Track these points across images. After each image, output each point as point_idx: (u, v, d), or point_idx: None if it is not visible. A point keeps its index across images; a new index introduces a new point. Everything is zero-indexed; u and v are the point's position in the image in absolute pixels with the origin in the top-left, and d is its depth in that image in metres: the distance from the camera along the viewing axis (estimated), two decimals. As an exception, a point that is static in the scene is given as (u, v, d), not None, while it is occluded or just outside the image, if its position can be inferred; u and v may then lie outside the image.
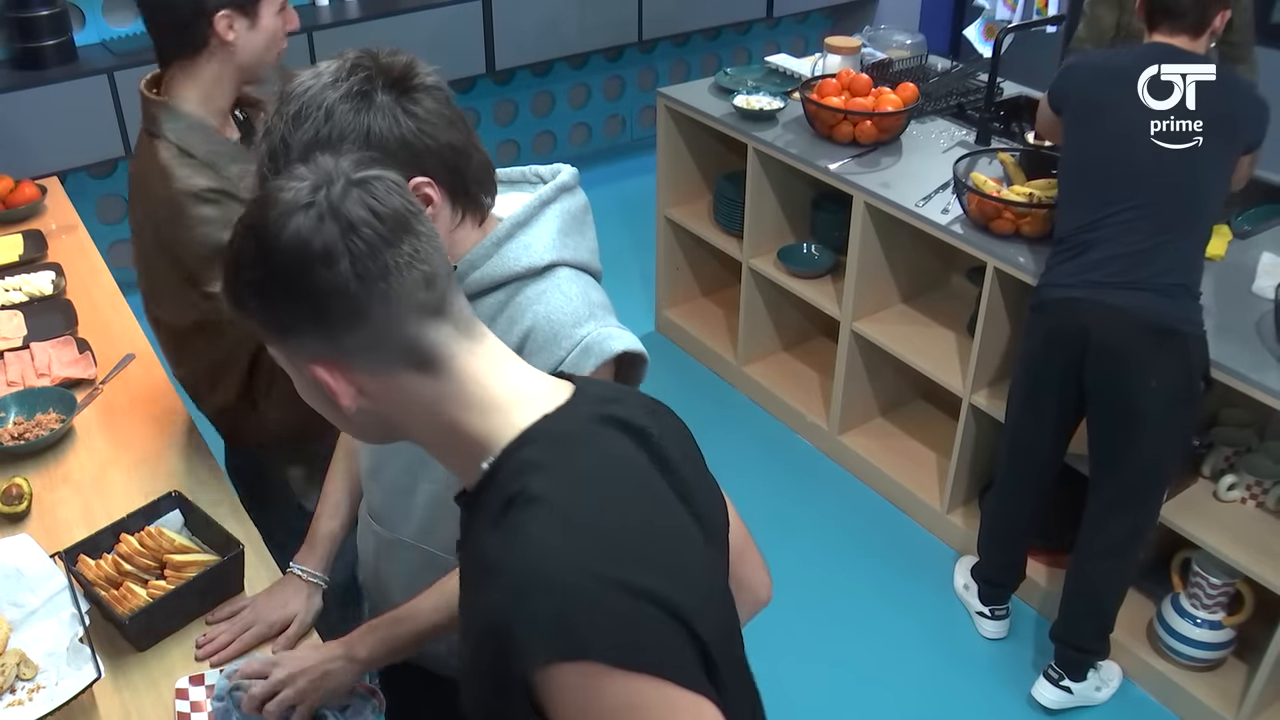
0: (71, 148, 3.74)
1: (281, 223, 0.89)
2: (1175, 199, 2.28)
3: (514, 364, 0.98)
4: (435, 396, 0.93)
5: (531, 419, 0.94)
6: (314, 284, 0.88)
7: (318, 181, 0.91)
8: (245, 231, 0.92)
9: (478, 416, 0.94)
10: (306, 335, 0.91)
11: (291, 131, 1.17)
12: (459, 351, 0.94)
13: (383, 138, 1.17)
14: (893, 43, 3.92)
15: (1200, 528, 2.47)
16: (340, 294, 0.88)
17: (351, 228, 0.88)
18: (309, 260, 0.88)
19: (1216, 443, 2.61)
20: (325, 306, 0.89)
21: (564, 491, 0.88)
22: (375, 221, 0.89)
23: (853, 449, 3.41)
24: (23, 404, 2.01)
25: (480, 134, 4.06)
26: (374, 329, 0.90)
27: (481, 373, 0.94)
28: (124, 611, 1.54)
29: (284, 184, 0.92)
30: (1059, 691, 2.60)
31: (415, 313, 0.91)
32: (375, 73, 1.19)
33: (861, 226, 3.06)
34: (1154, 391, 2.28)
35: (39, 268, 2.52)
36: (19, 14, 3.66)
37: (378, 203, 0.90)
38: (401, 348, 0.91)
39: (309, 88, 1.19)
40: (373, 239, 0.88)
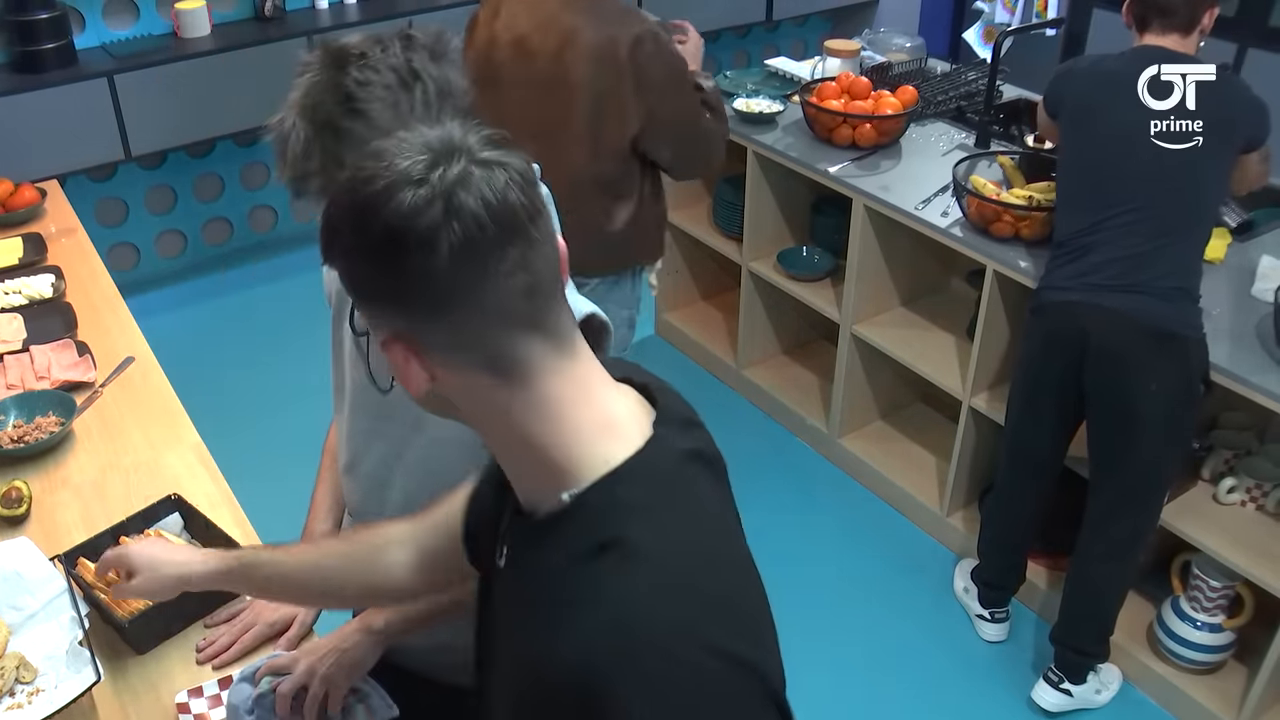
0: (71, 151, 3.74)
1: (388, 194, 0.83)
2: (1175, 200, 2.28)
3: (605, 389, 0.92)
4: (512, 408, 0.88)
5: (622, 453, 0.88)
6: (405, 267, 0.83)
7: (438, 155, 0.84)
8: (349, 189, 0.87)
9: (558, 441, 0.88)
10: (388, 310, 0.87)
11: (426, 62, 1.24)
12: (547, 369, 0.87)
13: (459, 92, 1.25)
14: (892, 46, 3.92)
15: (1200, 530, 2.47)
16: (429, 284, 0.83)
17: (458, 218, 0.82)
18: (405, 242, 0.82)
19: (1216, 445, 2.60)
20: (411, 291, 0.84)
21: (668, 547, 0.84)
22: (485, 217, 0.82)
23: (852, 452, 3.41)
24: (22, 407, 2.01)
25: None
26: (457, 328, 0.85)
27: (567, 396, 0.88)
28: (124, 614, 1.54)
29: (403, 147, 0.86)
30: (1059, 694, 2.60)
31: (505, 321, 0.85)
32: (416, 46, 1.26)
33: (861, 230, 3.06)
34: (1154, 395, 2.28)
35: (38, 271, 2.52)
36: (18, 17, 3.66)
37: (494, 196, 0.83)
38: (484, 353, 0.86)
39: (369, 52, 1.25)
40: (477, 236, 0.82)
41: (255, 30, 4.13)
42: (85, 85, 3.70)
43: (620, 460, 0.87)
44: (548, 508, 0.89)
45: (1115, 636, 2.59)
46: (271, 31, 4.11)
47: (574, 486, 0.87)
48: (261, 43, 4.02)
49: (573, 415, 0.88)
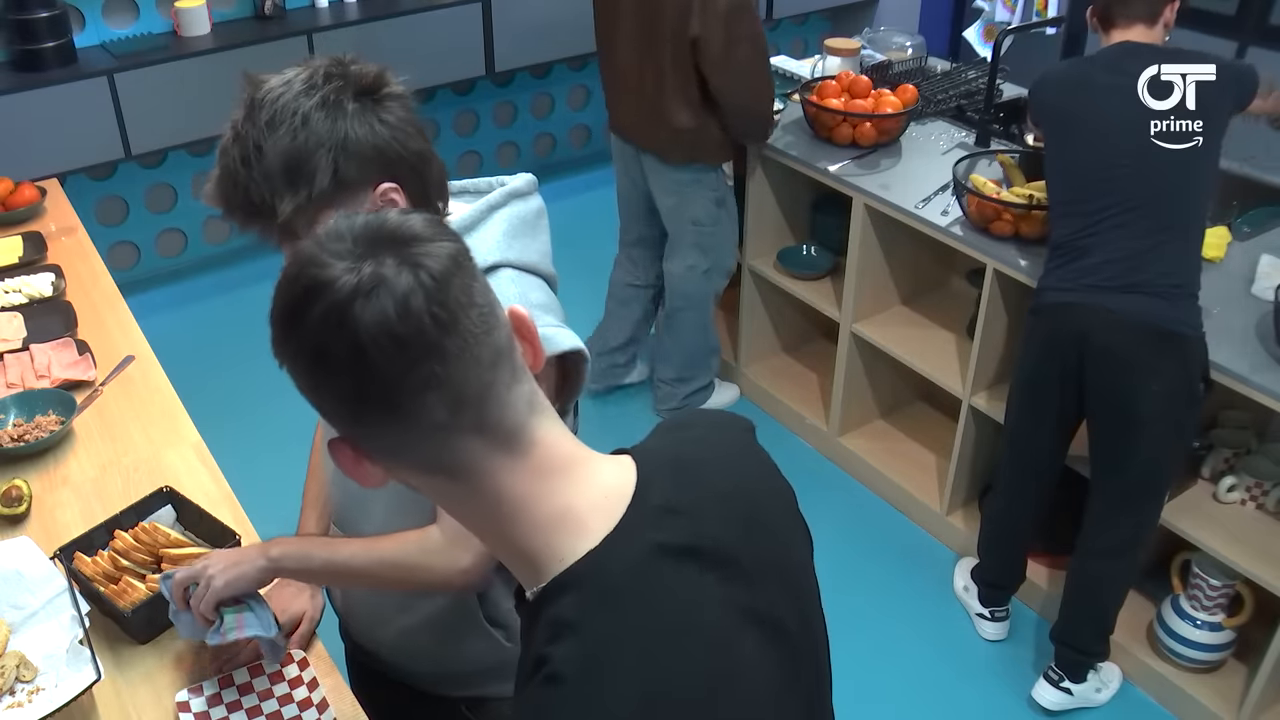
0: (71, 150, 3.74)
1: (300, 307, 0.79)
2: (1172, 199, 2.28)
3: (569, 474, 0.86)
4: (471, 503, 0.86)
5: (579, 551, 0.83)
6: (323, 384, 0.81)
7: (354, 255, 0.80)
8: (276, 293, 0.84)
9: (519, 533, 0.85)
10: (326, 415, 0.84)
11: (265, 137, 1.19)
12: (494, 468, 0.83)
13: (359, 144, 1.20)
14: (892, 44, 3.92)
15: (1200, 529, 2.47)
16: (348, 401, 0.81)
17: (358, 349, 0.77)
18: (316, 362, 0.80)
19: (1216, 444, 2.61)
20: (337, 405, 0.82)
21: (590, 678, 0.79)
22: (388, 344, 0.77)
23: (852, 450, 3.41)
24: (22, 406, 2.01)
25: (480, 136, 4.05)
26: (389, 439, 0.82)
27: (520, 491, 0.84)
28: (125, 605, 1.54)
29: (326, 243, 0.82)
30: (1059, 693, 2.60)
31: (435, 432, 0.81)
32: (347, 82, 1.22)
33: (861, 228, 3.06)
34: (1155, 395, 2.28)
35: (38, 270, 2.52)
36: (18, 16, 3.65)
37: (397, 317, 0.77)
38: (424, 460, 0.83)
39: (280, 94, 1.20)
40: (378, 359, 0.77)
41: (255, 29, 4.13)
42: (85, 84, 3.70)
43: (570, 562, 0.83)
44: (530, 594, 0.87)
45: (1115, 635, 2.59)
46: (271, 30, 4.11)
47: (537, 584, 0.85)
48: (261, 41, 4.02)
49: (529, 511, 0.84)
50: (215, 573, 1.43)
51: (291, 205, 1.20)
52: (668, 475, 0.90)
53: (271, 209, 1.21)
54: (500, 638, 1.49)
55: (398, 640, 1.56)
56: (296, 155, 1.19)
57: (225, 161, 1.23)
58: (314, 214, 1.22)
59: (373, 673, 1.64)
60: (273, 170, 1.20)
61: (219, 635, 1.43)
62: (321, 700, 1.50)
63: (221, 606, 1.44)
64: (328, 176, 1.20)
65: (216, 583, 1.42)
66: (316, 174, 1.20)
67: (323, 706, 1.49)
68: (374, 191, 1.23)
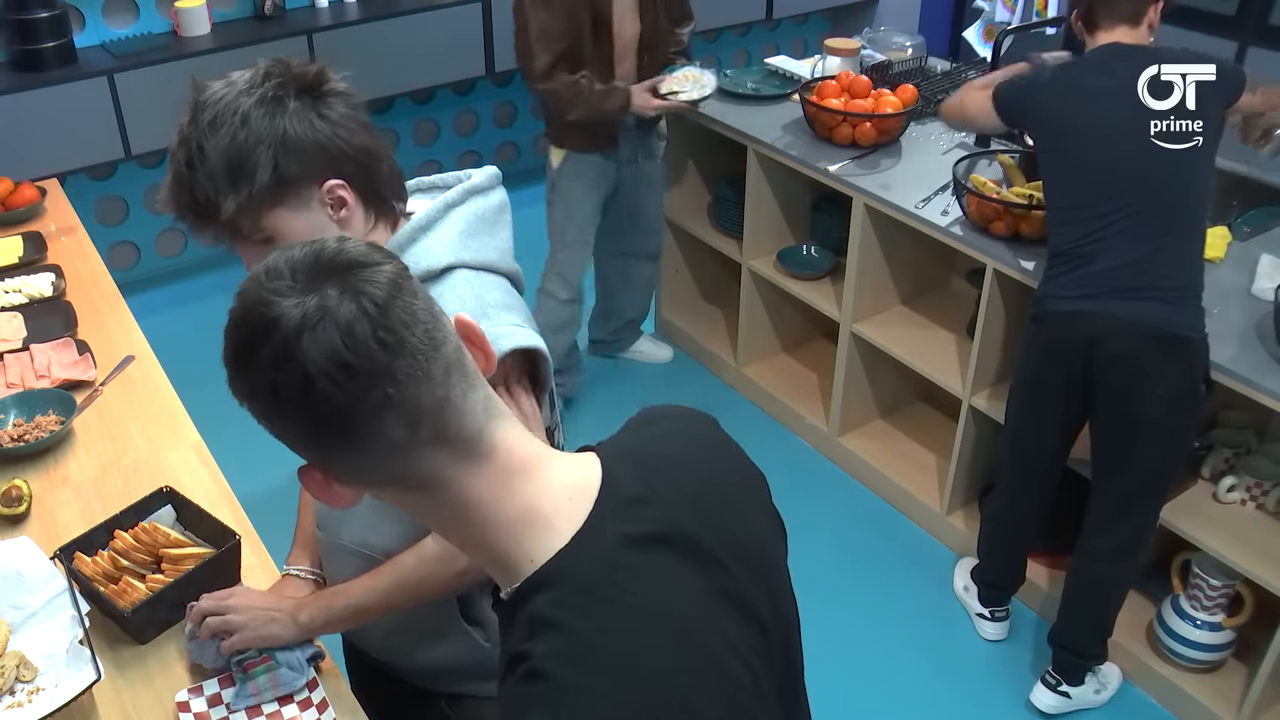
0: (71, 150, 3.74)
1: (246, 346, 0.82)
2: (1174, 201, 2.28)
3: (533, 476, 0.87)
4: (440, 511, 0.88)
5: (548, 549, 0.85)
6: (279, 416, 0.83)
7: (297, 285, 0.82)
8: (227, 328, 0.86)
9: (489, 537, 0.87)
10: (288, 442, 0.86)
11: (207, 138, 1.20)
12: (459, 476, 0.85)
13: (299, 140, 1.22)
14: (892, 45, 3.92)
15: (1200, 529, 2.47)
16: (305, 431, 0.83)
17: (309, 381, 0.79)
18: (268, 397, 0.82)
19: (1216, 444, 2.60)
20: (295, 434, 0.84)
21: (572, 671, 0.80)
22: (337, 373, 0.79)
23: (852, 450, 3.41)
24: (22, 406, 2.01)
25: (480, 136, 4.05)
26: (353, 461, 0.84)
27: (487, 495, 0.86)
28: (125, 605, 1.54)
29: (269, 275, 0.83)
30: (1056, 697, 2.60)
31: (396, 450, 0.82)
32: (288, 80, 1.23)
33: (861, 228, 3.06)
34: (1160, 398, 2.28)
35: (38, 269, 2.52)
36: (18, 16, 3.65)
37: (344, 346, 0.79)
38: (389, 477, 0.85)
39: (223, 96, 1.22)
40: (332, 394, 0.79)
41: (255, 29, 4.13)
42: (85, 84, 3.70)
43: (541, 562, 0.85)
44: (504, 594, 0.89)
45: (1115, 636, 2.59)
46: (271, 30, 4.12)
47: (511, 583, 0.87)
48: (261, 41, 4.02)
49: (495, 513, 0.86)
50: (248, 635, 1.47)
51: (234, 203, 1.22)
52: (632, 468, 0.92)
53: (216, 208, 1.23)
54: (478, 636, 1.51)
55: (384, 639, 1.59)
56: (237, 153, 1.20)
57: (173, 165, 1.24)
58: (258, 212, 1.24)
59: (368, 668, 1.66)
60: (215, 170, 1.21)
61: (254, 698, 1.46)
62: (322, 700, 1.50)
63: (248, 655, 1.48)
64: (268, 173, 1.21)
65: (247, 635, 1.47)
66: (257, 171, 1.21)
67: (323, 707, 1.49)
68: (320, 189, 1.25)
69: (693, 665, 0.84)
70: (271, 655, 1.48)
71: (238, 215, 1.23)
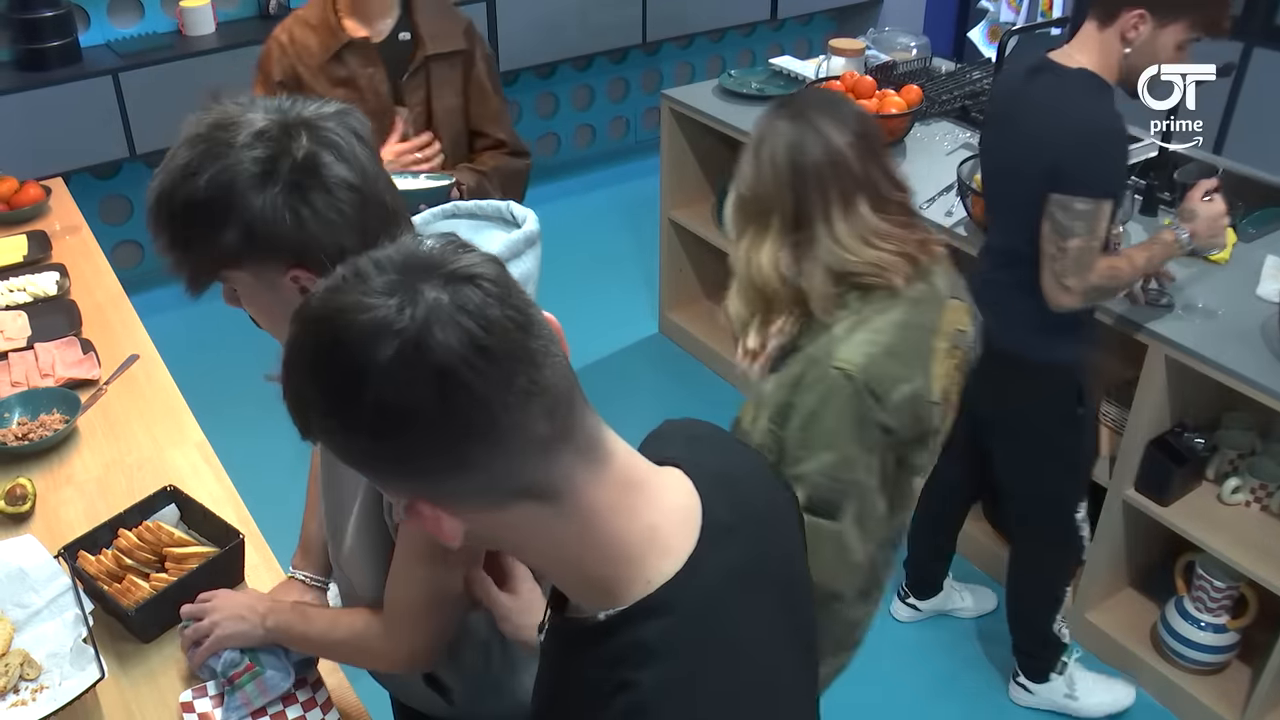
0: (76, 149, 3.75)
1: (358, 356, 0.71)
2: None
3: (646, 488, 0.83)
4: (554, 529, 0.80)
5: (664, 574, 0.81)
6: (403, 437, 0.73)
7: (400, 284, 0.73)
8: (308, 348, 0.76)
9: (602, 556, 0.81)
10: (396, 479, 0.78)
11: (186, 176, 1.11)
12: (584, 482, 0.79)
13: (268, 225, 1.11)
14: (897, 45, 3.92)
15: (1204, 531, 2.46)
16: (437, 446, 0.73)
17: (445, 368, 0.71)
18: (395, 411, 0.72)
19: (1221, 446, 2.60)
20: (419, 456, 0.74)
21: (677, 709, 0.78)
22: (478, 359, 0.71)
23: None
24: (26, 404, 2.02)
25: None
26: (482, 474, 0.75)
27: (607, 504, 0.80)
28: (129, 604, 1.54)
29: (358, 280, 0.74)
30: (1018, 688, 2.66)
31: (532, 450, 0.75)
32: (284, 154, 1.11)
33: (865, 229, 3.05)
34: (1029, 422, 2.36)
35: (43, 268, 2.53)
36: (23, 15, 3.66)
37: (477, 325, 0.72)
38: (519, 487, 0.77)
39: (223, 134, 1.12)
40: (472, 380, 0.71)
41: (260, 28, 4.12)
42: (90, 83, 3.70)
43: (656, 585, 0.81)
44: (581, 614, 0.84)
45: (1117, 636, 2.60)
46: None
47: (611, 607, 0.81)
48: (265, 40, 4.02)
49: (615, 527, 0.80)
50: (218, 620, 1.48)
51: (191, 255, 1.16)
52: (719, 492, 0.88)
53: (173, 249, 1.16)
54: (439, 700, 1.45)
55: None
56: (206, 210, 1.11)
57: (151, 188, 1.16)
58: (216, 271, 1.17)
59: None
60: (175, 216, 1.14)
61: (244, 708, 1.47)
62: (326, 700, 1.50)
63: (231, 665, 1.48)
64: (226, 243, 1.12)
65: (218, 635, 1.47)
66: (213, 236, 1.12)
67: (326, 707, 1.49)
68: (285, 274, 1.15)
69: (775, 707, 0.84)
70: (255, 660, 1.48)
71: (195, 267, 1.17)
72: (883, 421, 1.51)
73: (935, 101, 3.43)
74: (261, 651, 1.49)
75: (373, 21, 2.30)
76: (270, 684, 1.48)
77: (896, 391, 1.51)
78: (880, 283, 1.54)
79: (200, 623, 1.50)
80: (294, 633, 1.46)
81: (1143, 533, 2.68)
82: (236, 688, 1.46)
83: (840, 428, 1.50)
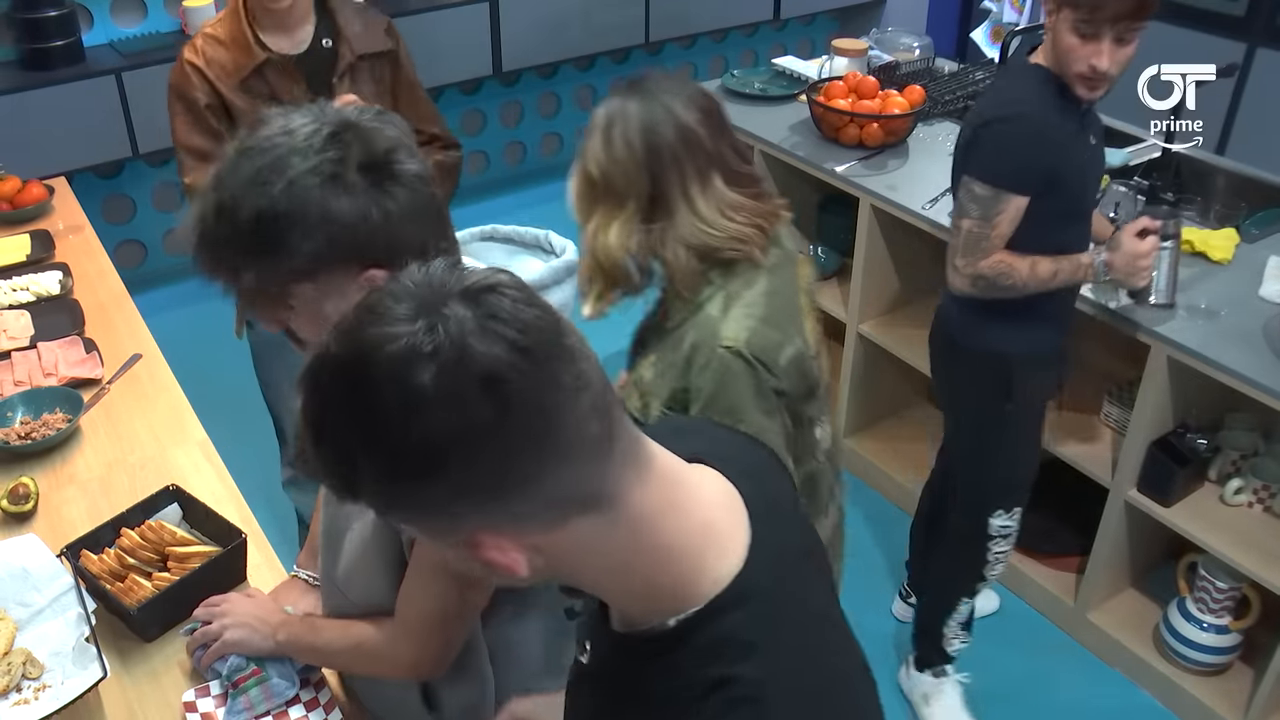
0: (79, 148, 3.75)
1: (400, 388, 0.68)
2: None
3: (684, 491, 0.81)
4: (609, 541, 0.77)
5: (726, 569, 0.79)
6: (463, 470, 0.69)
7: (424, 309, 0.70)
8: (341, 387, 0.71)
9: (664, 562, 0.79)
10: (446, 518, 0.74)
11: (244, 191, 1.07)
12: (631, 485, 0.76)
13: (348, 227, 1.08)
14: (900, 45, 3.92)
15: (1207, 531, 2.46)
16: (500, 469, 0.70)
17: (497, 384, 0.68)
18: (452, 445, 0.68)
19: (1223, 447, 2.60)
20: (474, 488, 0.71)
21: (782, 692, 0.76)
22: (523, 362, 0.69)
23: (859, 452, 3.41)
24: (29, 403, 2.02)
25: (486, 135, 4.01)
26: (548, 487, 0.72)
27: (657, 506, 0.78)
28: (131, 603, 1.54)
29: (372, 319, 0.71)
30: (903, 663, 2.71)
31: (585, 456, 0.73)
32: (352, 150, 1.09)
33: (868, 229, 3.06)
34: (958, 407, 2.39)
35: (46, 268, 2.53)
36: (27, 15, 3.66)
37: (517, 332, 0.69)
38: (577, 498, 0.74)
39: (274, 146, 1.08)
40: (527, 388, 0.69)
41: (263, 28, 4.13)
42: (93, 82, 3.70)
43: (725, 579, 0.79)
44: (647, 626, 0.81)
45: (1119, 637, 2.60)
46: (279, 29, 4.11)
47: (680, 611, 0.79)
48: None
49: (669, 528, 0.78)
50: (229, 624, 1.49)
51: (255, 273, 1.10)
52: (747, 480, 0.87)
53: (235, 271, 1.11)
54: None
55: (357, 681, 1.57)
56: (273, 221, 1.07)
57: (200, 206, 1.11)
58: (283, 285, 1.12)
59: None
60: (243, 231, 1.08)
61: (247, 712, 1.46)
62: (329, 700, 1.50)
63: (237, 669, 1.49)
64: (304, 253, 1.08)
65: (226, 640, 1.48)
66: (290, 246, 1.08)
67: (329, 707, 1.49)
68: (360, 276, 1.11)
69: (856, 673, 0.85)
70: (262, 666, 1.48)
71: (258, 285, 1.11)
72: (776, 386, 1.59)
73: (938, 102, 3.42)
74: (268, 658, 1.50)
75: (292, 31, 2.28)
76: (275, 690, 1.48)
77: (782, 356, 1.60)
78: (741, 256, 1.60)
79: (209, 626, 1.50)
80: (303, 644, 1.46)
81: (1145, 533, 2.68)
82: (240, 692, 1.46)
83: (741, 402, 1.56)
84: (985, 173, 2.08)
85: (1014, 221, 2.08)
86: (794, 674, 0.78)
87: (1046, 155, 2.05)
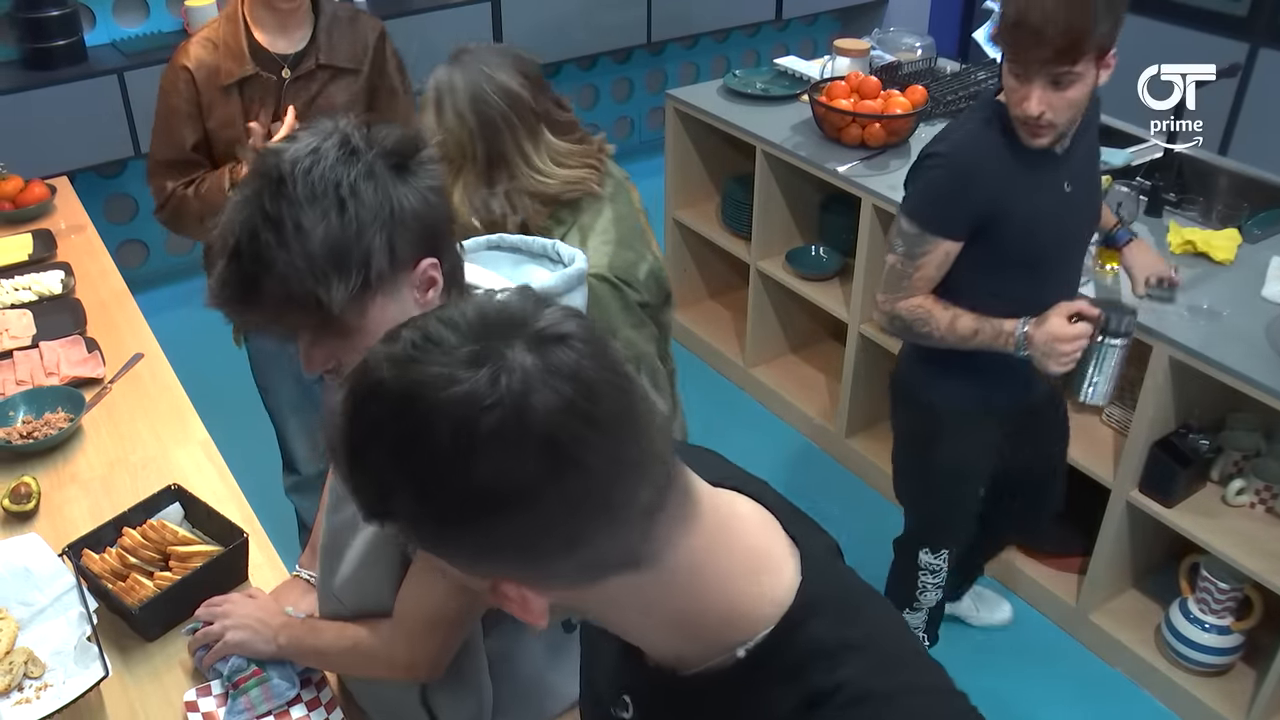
0: (81, 148, 3.75)
1: (454, 437, 0.64)
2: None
3: (728, 517, 0.79)
4: (652, 593, 0.75)
5: (783, 587, 0.77)
6: (506, 526, 0.67)
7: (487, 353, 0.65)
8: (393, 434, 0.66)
9: (711, 599, 0.76)
10: (483, 565, 0.72)
11: (305, 213, 1.04)
12: (678, 534, 0.73)
13: (412, 218, 1.07)
14: (902, 45, 3.92)
15: (1209, 532, 2.46)
16: (544, 533, 0.67)
17: (555, 448, 0.64)
18: (499, 504, 0.65)
19: (1225, 447, 2.59)
20: (521, 545, 0.68)
21: (887, 680, 0.76)
22: (585, 429, 0.65)
23: (860, 452, 3.40)
24: (31, 403, 2.02)
25: (489, 135, 3.87)
26: (589, 553, 0.70)
27: (704, 546, 0.75)
28: (133, 602, 1.55)
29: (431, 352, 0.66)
30: None
31: (639, 519, 0.70)
32: (382, 147, 1.09)
33: (870, 229, 3.06)
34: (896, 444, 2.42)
35: (48, 267, 2.53)
36: (29, 14, 3.66)
37: (582, 397, 0.65)
38: (620, 561, 0.72)
39: (313, 164, 1.05)
40: (586, 458, 0.65)
41: (265, 28, 4.13)
42: (95, 82, 3.70)
43: (786, 596, 0.77)
44: (708, 664, 0.78)
45: (1121, 637, 2.59)
46: (281, 29, 4.12)
47: (745, 640, 0.76)
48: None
49: (718, 567, 0.76)
50: (231, 626, 1.49)
51: (344, 293, 1.05)
52: (762, 494, 0.86)
53: (316, 300, 1.05)
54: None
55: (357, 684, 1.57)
56: (346, 234, 1.04)
57: (253, 247, 1.04)
58: (365, 303, 1.08)
59: None
60: (316, 253, 1.04)
61: (247, 713, 1.47)
62: (330, 700, 1.50)
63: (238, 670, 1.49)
64: (384, 256, 1.06)
65: (228, 640, 1.48)
66: (372, 254, 1.05)
67: (330, 706, 1.49)
68: (415, 270, 1.11)
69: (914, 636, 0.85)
70: (263, 667, 1.49)
71: (347, 307, 1.06)
72: (639, 300, 1.80)
73: (940, 102, 3.42)
74: (268, 661, 1.50)
75: (291, 33, 2.28)
76: (275, 691, 1.48)
77: (640, 271, 1.81)
78: (582, 194, 1.82)
79: (211, 627, 1.50)
80: (305, 646, 1.46)
81: (1147, 534, 2.68)
82: (241, 692, 1.46)
83: (614, 321, 1.76)
84: (913, 210, 2.00)
85: (941, 266, 1.98)
86: (885, 663, 0.77)
87: (975, 200, 1.93)
